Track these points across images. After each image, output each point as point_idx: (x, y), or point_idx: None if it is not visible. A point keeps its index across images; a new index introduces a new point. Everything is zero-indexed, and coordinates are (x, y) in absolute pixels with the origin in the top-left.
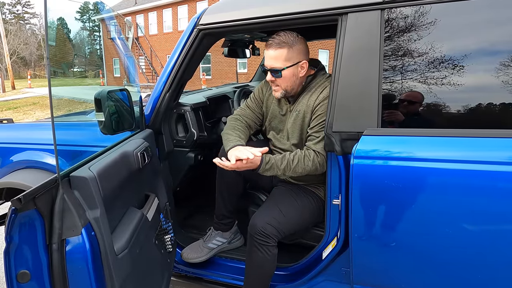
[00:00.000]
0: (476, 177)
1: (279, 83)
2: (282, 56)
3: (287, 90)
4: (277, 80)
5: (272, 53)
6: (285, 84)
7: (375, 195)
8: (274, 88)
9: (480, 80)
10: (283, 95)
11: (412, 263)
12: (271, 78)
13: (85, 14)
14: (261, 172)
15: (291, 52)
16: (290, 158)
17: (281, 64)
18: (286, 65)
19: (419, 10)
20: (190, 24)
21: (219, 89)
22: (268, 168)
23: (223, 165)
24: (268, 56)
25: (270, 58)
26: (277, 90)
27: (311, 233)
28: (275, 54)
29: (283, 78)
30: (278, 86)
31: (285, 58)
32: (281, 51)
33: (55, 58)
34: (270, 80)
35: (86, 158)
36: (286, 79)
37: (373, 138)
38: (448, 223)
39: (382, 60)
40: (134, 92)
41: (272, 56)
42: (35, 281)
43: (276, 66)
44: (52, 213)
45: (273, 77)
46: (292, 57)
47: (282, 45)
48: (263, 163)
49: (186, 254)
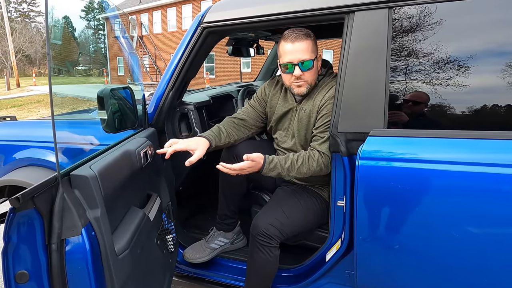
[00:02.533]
0: (483, 180)
1: (307, 77)
2: (309, 47)
3: (311, 84)
4: (305, 74)
5: (300, 45)
6: (311, 77)
7: (381, 197)
8: (299, 83)
9: (489, 81)
10: (308, 90)
11: (417, 266)
12: (300, 72)
13: (90, 12)
14: (265, 173)
15: (314, 44)
16: (294, 158)
17: (310, 55)
18: (313, 56)
19: (428, 9)
20: (195, 22)
21: (222, 88)
22: (272, 167)
23: (228, 168)
24: (294, 49)
25: (298, 51)
26: (302, 86)
27: (314, 235)
28: (304, 46)
29: (312, 70)
30: (304, 81)
31: (312, 50)
32: (308, 42)
33: (60, 57)
34: (298, 75)
35: (87, 156)
36: (314, 71)
37: (380, 139)
38: (454, 226)
39: (389, 60)
40: (137, 90)
41: (300, 49)
42: (34, 282)
43: (307, 57)
44: (52, 212)
45: (303, 71)
46: (315, 49)
47: (307, 36)
48: (266, 163)
49: (188, 254)
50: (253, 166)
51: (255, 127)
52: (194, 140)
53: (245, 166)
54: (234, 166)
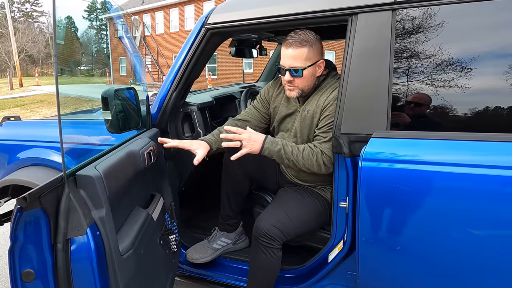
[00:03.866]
0: (487, 182)
1: (297, 83)
2: (303, 55)
3: (303, 90)
4: (296, 80)
5: (292, 52)
6: (303, 84)
7: (384, 199)
8: (290, 88)
9: (493, 83)
10: (299, 95)
11: (420, 269)
12: (289, 78)
13: (93, 12)
14: (265, 149)
15: (311, 51)
16: (296, 146)
17: (302, 63)
18: (307, 64)
19: (432, 11)
20: (198, 23)
21: (225, 89)
22: (273, 145)
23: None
24: (287, 55)
25: (290, 58)
26: (293, 90)
27: (317, 236)
28: (296, 53)
29: (303, 78)
30: (295, 86)
31: (305, 58)
32: (302, 50)
33: (63, 57)
34: (288, 80)
35: (92, 156)
36: (305, 79)
37: (383, 140)
38: (457, 229)
39: (392, 62)
40: (140, 91)
41: (292, 56)
42: (40, 281)
43: (297, 66)
44: (58, 212)
45: (292, 77)
46: (312, 57)
47: (303, 44)
48: (267, 140)
49: (190, 254)
50: (251, 138)
51: (259, 128)
52: (196, 141)
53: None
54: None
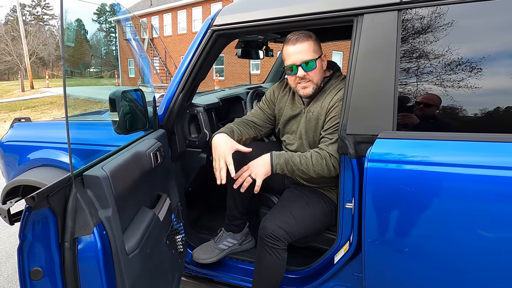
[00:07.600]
0: (495, 183)
1: (312, 76)
2: (311, 47)
3: (317, 84)
4: (310, 74)
5: (301, 46)
6: (316, 77)
7: (390, 200)
8: (305, 84)
9: (501, 83)
10: (314, 90)
11: (426, 270)
12: (303, 73)
13: (102, 15)
14: (276, 165)
15: (316, 44)
16: (303, 154)
17: (312, 55)
18: (316, 56)
19: (438, 11)
20: (204, 25)
21: (232, 90)
22: (280, 158)
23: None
24: (297, 50)
25: (300, 52)
26: (308, 86)
27: (323, 237)
28: (305, 47)
29: (316, 69)
30: (310, 81)
31: (313, 50)
32: (309, 42)
33: (72, 59)
34: (302, 76)
35: (99, 157)
36: (317, 71)
37: (389, 141)
38: (465, 230)
39: (398, 62)
40: (148, 92)
41: (302, 49)
42: (48, 279)
43: (308, 58)
44: (65, 211)
45: (306, 71)
46: (318, 50)
47: (308, 37)
48: (273, 156)
49: (196, 254)
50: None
51: (264, 129)
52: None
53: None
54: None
